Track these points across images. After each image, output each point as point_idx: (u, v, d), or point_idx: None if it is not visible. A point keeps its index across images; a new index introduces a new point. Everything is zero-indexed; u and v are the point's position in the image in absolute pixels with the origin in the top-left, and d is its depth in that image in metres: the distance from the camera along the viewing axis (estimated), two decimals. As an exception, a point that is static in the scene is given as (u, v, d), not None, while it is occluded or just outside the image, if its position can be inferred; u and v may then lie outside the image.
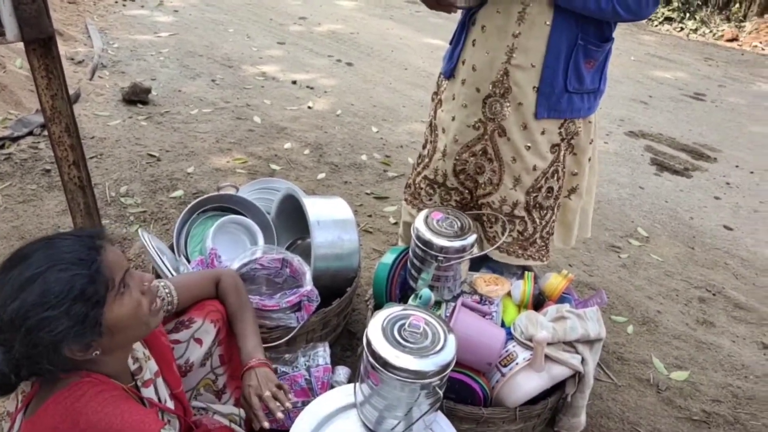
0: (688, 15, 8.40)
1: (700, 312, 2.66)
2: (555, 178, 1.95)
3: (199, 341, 1.41)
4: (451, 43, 1.99)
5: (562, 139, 1.90)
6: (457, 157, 1.97)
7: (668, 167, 4.21)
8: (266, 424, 1.31)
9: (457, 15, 1.93)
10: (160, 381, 1.25)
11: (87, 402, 0.97)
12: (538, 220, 2.01)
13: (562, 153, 1.92)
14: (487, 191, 1.99)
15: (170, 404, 1.26)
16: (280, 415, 1.31)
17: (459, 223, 1.88)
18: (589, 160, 2.01)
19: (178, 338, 1.39)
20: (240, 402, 1.53)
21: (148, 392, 1.20)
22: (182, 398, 1.34)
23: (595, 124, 1.97)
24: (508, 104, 1.84)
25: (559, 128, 1.88)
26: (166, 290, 1.38)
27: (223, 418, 1.44)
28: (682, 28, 8.28)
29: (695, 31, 8.19)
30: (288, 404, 1.34)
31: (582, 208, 2.11)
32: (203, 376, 1.45)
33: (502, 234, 1.99)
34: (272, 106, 4.26)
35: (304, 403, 1.58)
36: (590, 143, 1.97)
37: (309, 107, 4.33)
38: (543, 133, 1.87)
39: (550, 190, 1.97)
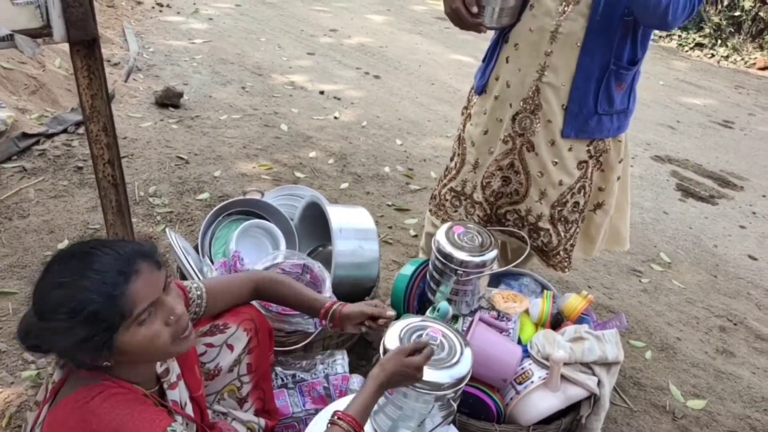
0: (719, 41, 8.31)
1: (720, 341, 2.62)
2: (582, 193, 1.97)
3: (230, 347, 1.43)
4: (483, 60, 2.03)
5: (590, 156, 1.92)
6: (487, 170, 2.00)
7: (694, 193, 4.16)
8: (391, 313, 1.48)
9: (488, 33, 1.96)
10: (181, 383, 1.27)
11: (100, 403, 0.99)
12: (562, 233, 2.02)
13: (590, 170, 1.94)
14: (514, 200, 2.02)
15: (189, 407, 1.28)
16: (390, 312, 1.48)
17: (480, 239, 1.89)
18: (618, 178, 2.02)
19: (212, 342, 1.41)
20: (260, 412, 1.54)
21: (173, 395, 1.21)
22: (201, 401, 1.35)
23: (626, 144, 1.98)
24: (537, 121, 1.86)
25: (588, 146, 1.90)
26: (198, 292, 1.38)
27: (242, 425, 1.46)
28: (713, 55, 8.20)
29: (726, 58, 8.10)
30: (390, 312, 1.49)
31: (611, 224, 2.12)
32: (229, 381, 1.47)
33: (530, 238, 2.02)
34: (299, 115, 4.32)
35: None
36: (619, 162, 1.98)
37: (335, 117, 4.39)
38: (570, 149, 1.89)
39: (576, 204, 1.99)
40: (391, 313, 1.48)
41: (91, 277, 0.97)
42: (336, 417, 1.14)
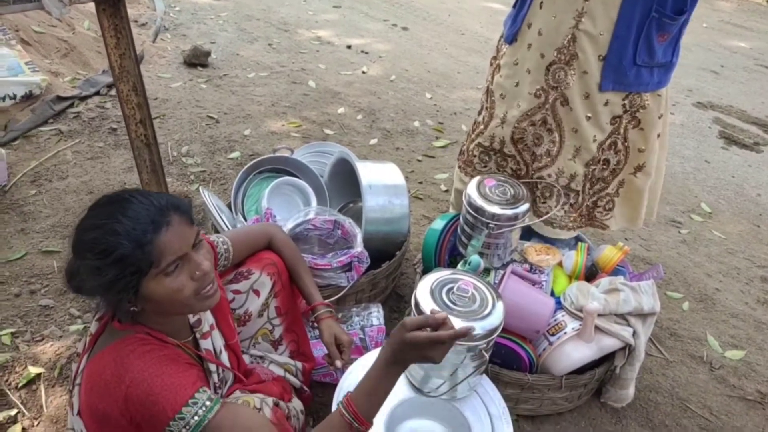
0: (770, -22, 7.80)
1: (761, 291, 2.56)
2: (612, 150, 1.88)
3: (257, 292, 1.47)
4: (514, 6, 1.92)
5: (625, 111, 1.82)
6: (516, 125, 1.93)
7: (737, 141, 3.99)
8: (339, 364, 1.44)
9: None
10: (216, 333, 1.31)
11: (134, 360, 1.03)
12: (588, 191, 1.96)
13: (622, 125, 1.84)
14: (543, 164, 1.94)
15: (224, 355, 1.32)
16: (338, 363, 1.44)
17: (512, 191, 1.86)
18: (659, 136, 1.91)
19: (238, 288, 1.46)
20: (295, 354, 1.60)
21: (206, 344, 1.26)
22: (236, 349, 1.40)
23: (666, 99, 1.87)
24: (572, 72, 1.78)
25: (623, 100, 1.80)
26: (225, 246, 1.43)
27: (279, 367, 1.51)
28: (762, -7, 7.72)
29: (777, -5, 7.61)
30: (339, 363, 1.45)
31: (651, 188, 2.00)
32: (261, 326, 1.52)
33: (556, 207, 1.95)
34: (327, 70, 4.27)
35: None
36: (659, 118, 1.87)
37: (363, 72, 4.32)
38: (606, 104, 1.80)
39: (606, 162, 1.91)
40: (338, 364, 1.46)
41: (123, 222, 1.00)
42: (344, 401, 1.09)
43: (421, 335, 1.06)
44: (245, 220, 2.12)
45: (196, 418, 0.99)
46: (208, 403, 1.02)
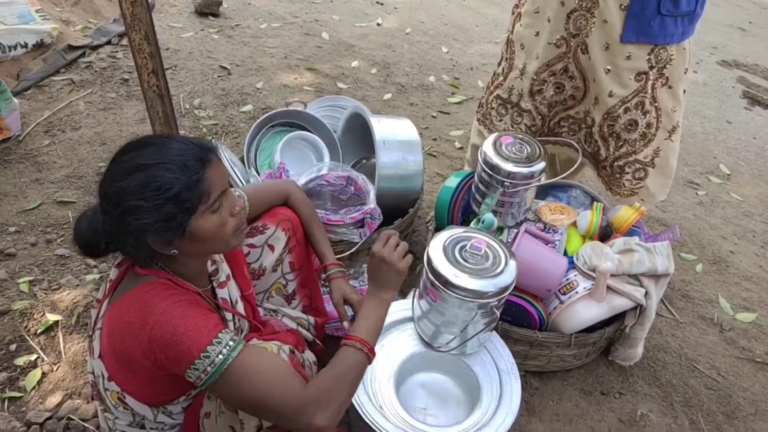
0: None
1: (777, 256, 2.54)
2: (640, 110, 1.83)
3: (271, 247, 1.48)
4: None
5: (651, 67, 1.77)
6: (535, 77, 1.89)
7: (761, 101, 3.88)
8: (346, 324, 1.45)
9: None
10: (232, 283, 1.33)
11: (158, 303, 1.05)
12: (612, 149, 1.92)
13: (650, 82, 1.79)
14: (569, 105, 1.91)
15: (240, 305, 1.34)
16: (346, 323, 1.45)
17: (529, 149, 1.83)
18: (685, 91, 1.86)
19: (253, 243, 1.47)
20: (308, 309, 1.62)
21: (222, 293, 1.28)
22: (251, 300, 1.42)
23: (690, 52, 1.81)
24: (593, 20, 1.72)
25: (648, 54, 1.75)
26: (242, 199, 1.43)
27: (291, 321, 1.53)
28: (797, -56, 7.34)
29: (813, -53, 7.24)
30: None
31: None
32: (275, 280, 1.53)
33: (585, 143, 1.93)
34: (341, 22, 4.17)
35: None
36: (685, 72, 1.82)
37: (378, 24, 4.21)
38: (628, 58, 1.75)
39: (632, 123, 1.86)
40: (346, 324, 1.46)
41: (173, 160, 1.02)
42: (349, 339, 1.15)
43: (377, 246, 1.23)
44: (258, 174, 2.11)
45: (221, 356, 1.02)
46: (231, 343, 1.04)
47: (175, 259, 1.11)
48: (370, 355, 1.14)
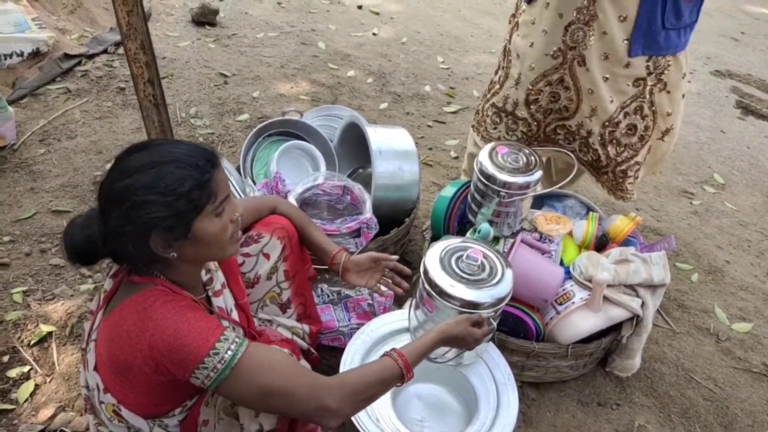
0: (798, -60, 7.49)
1: (772, 265, 2.54)
2: (639, 115, 1.86)
3: (266, 256, 1.48)
4: None
5: (649, 74, 1.79)
6: (531, 87, 1.90)
7: (754, 111, 3.91)
8: (404, 286, 1.54)
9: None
10: (227, 292, 1.33)
11: (157, 309, 1.04)
12: (612, 156, 1.94)
13: (647, 88, 1.82)
14: (563, 116, 1.93)
15: (235, 313, 1.34)
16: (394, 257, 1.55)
17: (525, 159, 1.83)
18: (683, 96, 1.90)
19: (248, 252, 1.46)
20: (302, 317, 1.61)
21: (218, 302, 1.28)
22: (246, 309, 1.41)
23: (686, 56, 1.85)
24: (591, 33, 1.74)
25: (647, 62, 1.77)
26: (240, 207, 1.43)
27: (286, 330, 1.52)
28: (789, -44, 7.42)
29: (804, -41, 7.32)
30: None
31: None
32: (269, 289, 1.53)
33: (580, 152, 1.95)
34: (337, 32, 4.19)
35: (361, 325, 1.64)
36: (683, 77, 1.85)
37: (374, 34, 4.23)
38: (627, 66, 1.77)
39: (631, 127, 1.89)
40: (394, 257, 1.54)
41: (184, 160, 1.04)
42: (393, 351, 1.18)
43: (478, 332, 1.33)
44: (254, 183, 2.11)
45: (229, 352, 1.02)
46: (237, 339, 1.04)
47: (172, 265, 1.11)
48: (404, 370, 1.16)
